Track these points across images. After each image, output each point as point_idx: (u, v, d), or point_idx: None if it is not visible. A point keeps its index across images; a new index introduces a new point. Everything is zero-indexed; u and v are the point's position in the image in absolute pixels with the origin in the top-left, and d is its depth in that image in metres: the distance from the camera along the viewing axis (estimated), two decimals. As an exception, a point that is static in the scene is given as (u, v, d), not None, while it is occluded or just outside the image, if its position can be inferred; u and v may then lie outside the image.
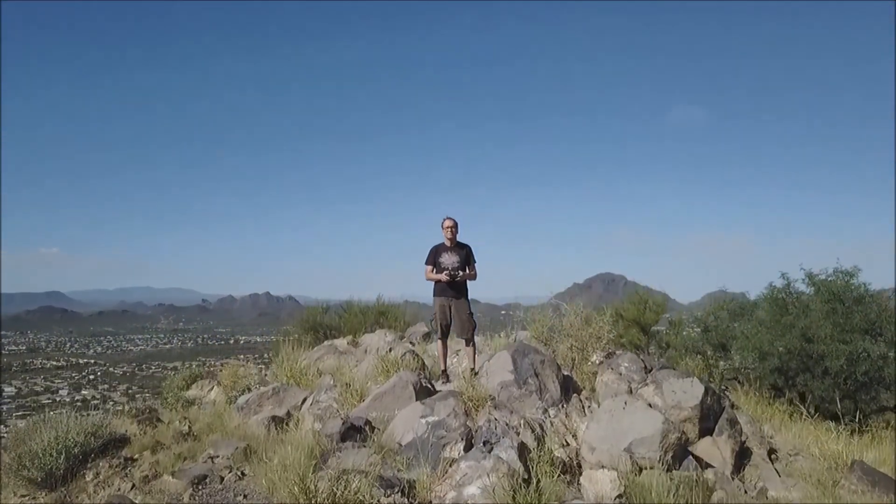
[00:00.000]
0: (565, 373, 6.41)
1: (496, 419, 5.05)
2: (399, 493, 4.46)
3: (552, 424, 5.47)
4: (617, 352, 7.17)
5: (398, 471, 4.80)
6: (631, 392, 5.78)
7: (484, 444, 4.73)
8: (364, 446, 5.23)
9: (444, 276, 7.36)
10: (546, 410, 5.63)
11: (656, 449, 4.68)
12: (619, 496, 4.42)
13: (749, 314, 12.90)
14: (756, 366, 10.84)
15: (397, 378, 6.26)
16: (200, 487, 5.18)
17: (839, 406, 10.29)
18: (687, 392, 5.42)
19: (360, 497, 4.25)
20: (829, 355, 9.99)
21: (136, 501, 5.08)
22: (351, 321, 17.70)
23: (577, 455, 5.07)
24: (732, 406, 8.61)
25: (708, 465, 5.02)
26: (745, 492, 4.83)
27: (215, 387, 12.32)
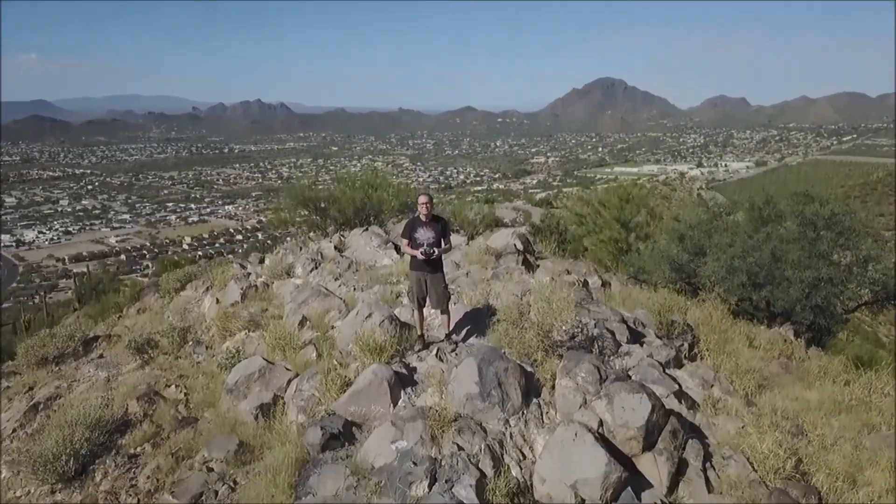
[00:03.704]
0: (528, 369, 6.89)
1: (458, 450, 5.63)
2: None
3: (511, 437, 6.06)
4: (578, 329, 7.53)
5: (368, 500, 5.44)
6: (585, 403, 6.29)
7: (445, 481, 5.35)
8: (341, 461, 5.88)
9: (419, 254, 7.60)
10: (507, 421, 6.20)
11: (598, 490, 5.29)
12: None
13: (727, 217, 13.19)
14: (725, 277, 11.33)
15: (372, 375, 6.76)
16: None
17: (801, 317, 11.08)
18: (636, 410, 5.91)
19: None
20: (793, 281, 10.47)
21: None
22: (341, 198, 17.95)
23: (531, 476, 5.70)
24: (692, 347, 9.19)
25: (648, 485, 5.68)
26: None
27: (208, 290, 12.93)
